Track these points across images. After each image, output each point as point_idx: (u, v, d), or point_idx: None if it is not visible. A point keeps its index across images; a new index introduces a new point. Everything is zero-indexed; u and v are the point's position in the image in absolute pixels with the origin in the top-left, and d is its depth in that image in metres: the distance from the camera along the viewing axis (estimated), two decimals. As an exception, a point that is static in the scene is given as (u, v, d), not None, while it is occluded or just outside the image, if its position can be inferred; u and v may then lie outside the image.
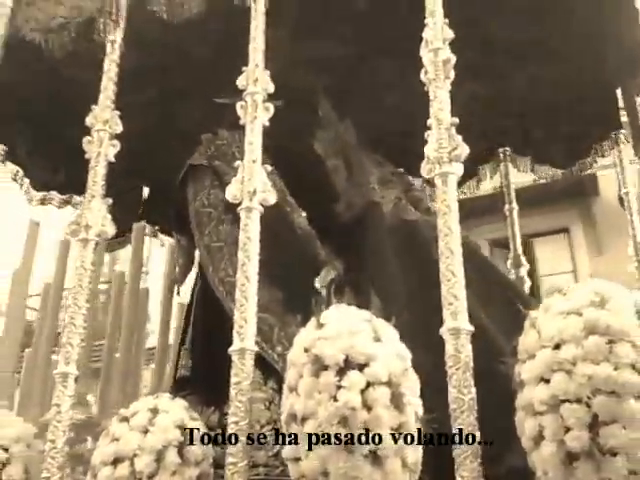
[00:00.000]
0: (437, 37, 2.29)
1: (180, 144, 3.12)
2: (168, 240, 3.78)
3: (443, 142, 2.14)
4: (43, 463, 2.22)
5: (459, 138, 2.14)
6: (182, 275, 2.92)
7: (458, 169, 2.12)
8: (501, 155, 4.13)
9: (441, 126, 2.17)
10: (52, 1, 3.16)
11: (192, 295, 2.77)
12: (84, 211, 2.64)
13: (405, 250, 2.83)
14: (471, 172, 4.15)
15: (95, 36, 3.01)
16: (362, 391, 1.82)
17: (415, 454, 1.87)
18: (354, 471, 1.77)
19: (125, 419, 2.14)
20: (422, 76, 2.26)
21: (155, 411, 2.14)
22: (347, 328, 1.92)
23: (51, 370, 2.61)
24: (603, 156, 3.73)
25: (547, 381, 1.68)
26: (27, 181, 4.16)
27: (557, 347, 1.69)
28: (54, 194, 4.36)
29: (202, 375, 2.63)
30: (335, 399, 1.81)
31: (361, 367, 1.85)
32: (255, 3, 2.66)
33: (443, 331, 1.95)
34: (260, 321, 2.27)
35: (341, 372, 1.85)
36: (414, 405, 1.90)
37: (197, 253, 2.77)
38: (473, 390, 1.87)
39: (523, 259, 3.92)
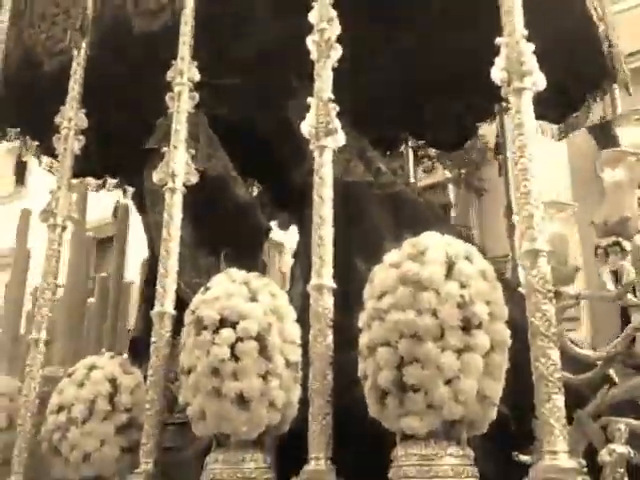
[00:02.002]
0: (322, 18, 2.45)
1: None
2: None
3: (321, 117, 2.33)
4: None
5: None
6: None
7: (333, 142, 2.30)
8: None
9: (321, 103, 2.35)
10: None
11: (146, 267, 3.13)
12: (55, 200, 3.05)
13: (346, 212, 3.03)
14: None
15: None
16: (232, 345, 2.10)
17: (286, 396, 2.13)
18: (224, 413, 2.07)
19: (69, 375, 2.54)
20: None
21: (92, 367, 2.52)
22: (224, 291, 2.20)
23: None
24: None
25: (370, 327, 1.88)
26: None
27: (380, 297, 1.88)
28: (90, 179, 4.87)
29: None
30: (209, 354, 2.10)
31: (234, 325, 2.13)
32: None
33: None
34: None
35: (216, 330, 2.13)
36: (286, 354, 2.15)
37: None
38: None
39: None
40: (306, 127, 2.31)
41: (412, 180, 5.07)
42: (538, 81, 1.99)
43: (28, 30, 3.71)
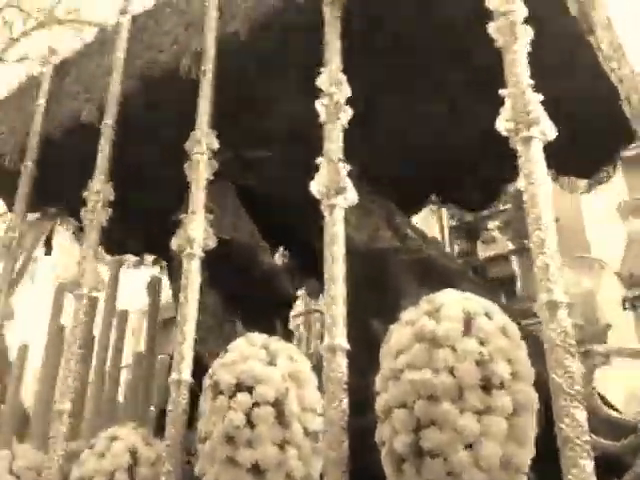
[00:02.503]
0: (331, 82, 2.48)
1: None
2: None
3: (331, 177, 2.32)
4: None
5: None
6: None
7: (344, 201, 2.28)
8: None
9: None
10: None
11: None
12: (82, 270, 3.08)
13: (371, 277, 2.98)
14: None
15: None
16: (248, 411, 2.03)
17: (305, 468, 2.03)
18: (238, 484, 1.98)
19: (91, 447, 2.49)
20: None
21: (113, 438, 2.47)
22: (241, 354, 2.14)
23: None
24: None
25: (386, 389, 1.80)
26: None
27: (395, 357, 1.80)
28: (128, 256, 4.94)
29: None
30: (224, 420, 2.03)
31: (250, 389, 2.06)
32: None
33: None
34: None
35: (233, 395, 2.07)
36: (305, 422, 2.07)
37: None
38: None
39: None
40: (316, 187, 2.31)
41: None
42: (547, 130, 1.95)
43: (52, 108, 3.86)
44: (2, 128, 4.18)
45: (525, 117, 1.92)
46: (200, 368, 2.43)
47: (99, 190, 3.23)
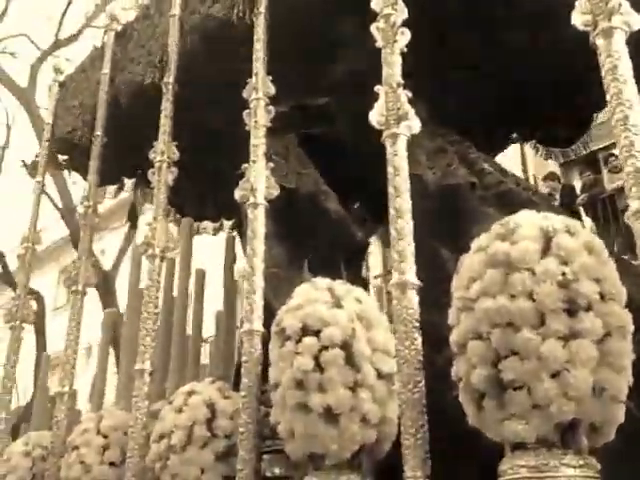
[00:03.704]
0: (387, 3, 2.30)
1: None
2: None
3: (391, 104, 2.15)
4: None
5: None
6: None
7: (406, 130, 2.11)
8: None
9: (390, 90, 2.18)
10: None
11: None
12: (152, 231, 3.07)
13: (445, 214, 2.81)
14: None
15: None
16: (316, 355, 1.93)
17: (381, 411, 1.91)
18: (311, 430, 1.88)
19: (170, 402, 2.48)
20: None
21: (191, 393, 2.44)
22: (306, 298, 2.04)
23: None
24: None
25: (459, 322, 1.64)
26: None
27: (467, 286, 1.64)
28: (207, 223, 4.97)
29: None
30: (292, 365, 1.94)
31: (317, 333, 1.96)
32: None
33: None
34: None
35: (299, 340, 1.97)
36: (377, 364, 1.95)
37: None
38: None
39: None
40: (375, 116, 2.14)
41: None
42: (632, 20, 1.70)
43: (118, 76, 3.85)
44: (73, 102, 4.24)
45: (605, 7, 1.68)
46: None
47: (163, 150, 3.19)
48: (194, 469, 2.30)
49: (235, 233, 4.30)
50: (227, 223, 4.81)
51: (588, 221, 6.12)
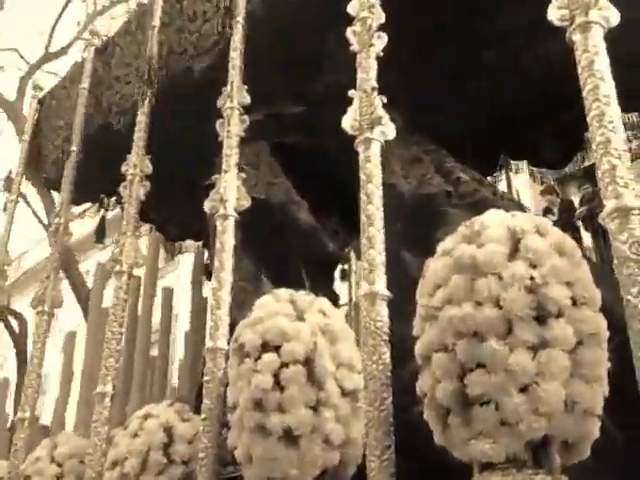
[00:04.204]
0: (363, 7, 2.22)
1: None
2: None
3: (365, 109, 2.05)
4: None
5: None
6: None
7: (380, 135, 2.01)
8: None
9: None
10: None
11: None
12: (121, 247, 2.95)
13: (418, 224, 2.71)
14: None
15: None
16: (276, 372, 1.79)
17: (345, 431, 1.78)
18: (270, 454, 1.74)
19: (125, 427, 2.33)
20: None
21: (147, 416, 2.29)
22: (267, 311, 1.91)
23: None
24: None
25: (423, 332, 1.51)
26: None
27: (432, 293, 1.52)
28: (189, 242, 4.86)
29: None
30: (250, 384, 1.81)
31: (277, 348, 1.83)
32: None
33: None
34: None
35: (259, 357, 1.84)
36: (341, 380, 1.81)
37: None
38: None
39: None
40: (348, 121, 2.04)
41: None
42: (610, 15, 1.61)
43: (106, 93, 3.79)
44: (59, 122, 4.16)
45: (581, 1, 1.59)
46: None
47: (136, 163, 3.09)
48: (149, 498, 2.15)
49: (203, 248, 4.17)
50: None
51: (587, 236, 5.98)
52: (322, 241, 2.92)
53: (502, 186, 4.52)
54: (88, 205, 4.91)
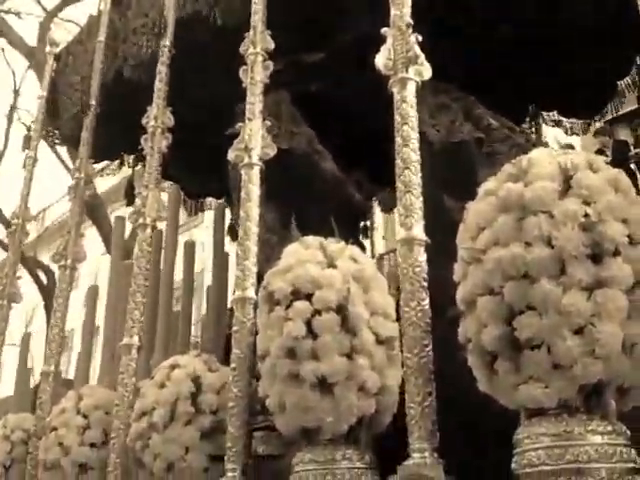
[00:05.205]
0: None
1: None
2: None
3: (399, 47, 1.96)
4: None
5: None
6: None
7: (416, 74, 1.92)
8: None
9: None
10: None
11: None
12: (143, 200, 2.89)
13: (447, 171, 2.63)
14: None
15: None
16: (308, 320, 1.74)
17: (381, 379, 1.73)
18: (304, 402, 1.70)
19: (152, 377, 2.30)
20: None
21: (174, 366, 2.26)
22: (297, 259, 1.85)
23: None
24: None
25: (466, 277, 1.45)
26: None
27: (475, 236, 1.45)
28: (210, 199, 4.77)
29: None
30: (282, 332, 1.75)
31: (309, 296, 1.77)
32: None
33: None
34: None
35: (290, 305, 1.79)
36: (375, 328, 1.76)
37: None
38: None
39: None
40: (381, 60, 1.95)
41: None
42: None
43: (122, 47, 3.69)
44: (75, 78, 4.07)
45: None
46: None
47: (157, 115, 3.01)
48: (177, 448, 2.12)
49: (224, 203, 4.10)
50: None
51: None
52: (348, 191, 2.84)
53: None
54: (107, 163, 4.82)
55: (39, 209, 14.58)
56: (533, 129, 3.99)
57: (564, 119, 4.26)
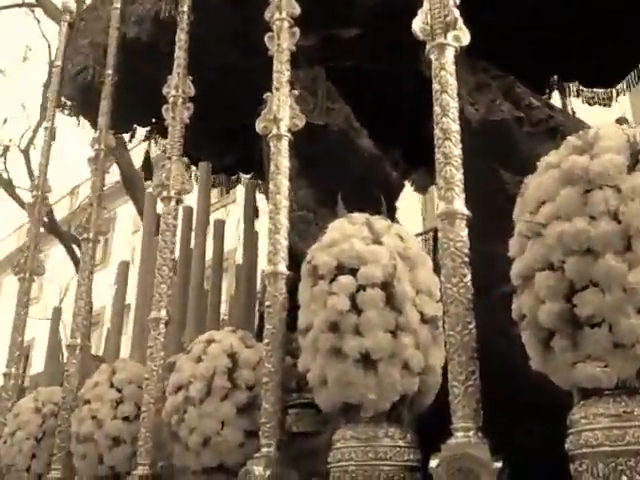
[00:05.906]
0: None
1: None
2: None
3: (436, 11, 1.89)
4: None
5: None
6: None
7: (455, 40, 1.85)
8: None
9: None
10: None
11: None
12: (167, 172, 2.84)
13: (485, 149, 2.57)
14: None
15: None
16: (352, 295, 1.71)
17: (425, 358, 1.70)
18: (346, 377, 1.68)
19: (187, 352, 2.28)
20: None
21: (210, 341, 2.24)
22: (342, 234, 1.82)
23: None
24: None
25: (523, 251, 1.41)
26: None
27: (535, 210, 1.41)
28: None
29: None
30: (326, 306, 1.73)
31: (353, 271, 1.74)
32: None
33: None
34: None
35: (334, 279, 1.76)
36: (420, 306, 1.73)
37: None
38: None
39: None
40: (418, 25, 1.88)
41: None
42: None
43: (129, 8, 3.59)
44: (83, 41, 3.99)
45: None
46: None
47: (178, 84, 2.95)
48: (214, 422, 2.11)
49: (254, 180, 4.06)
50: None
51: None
52: (385, 169, 2.79)
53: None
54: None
55: (74, 184, 14.51)
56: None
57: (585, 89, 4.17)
